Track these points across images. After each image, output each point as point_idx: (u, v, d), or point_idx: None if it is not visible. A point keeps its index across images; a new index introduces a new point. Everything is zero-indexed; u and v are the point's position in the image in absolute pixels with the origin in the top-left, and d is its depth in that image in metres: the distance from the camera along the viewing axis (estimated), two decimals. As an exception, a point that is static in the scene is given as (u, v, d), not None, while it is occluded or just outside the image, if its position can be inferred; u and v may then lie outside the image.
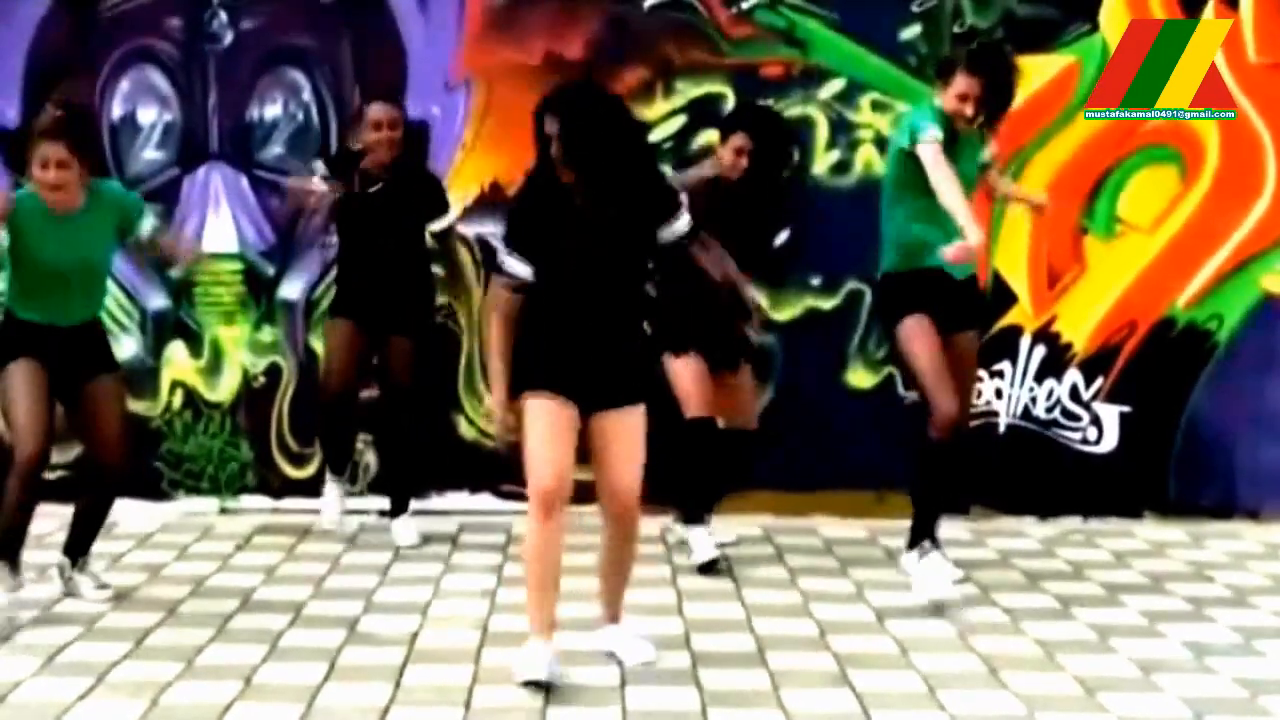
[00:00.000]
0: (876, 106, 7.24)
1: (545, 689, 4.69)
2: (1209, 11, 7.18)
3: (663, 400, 7.14)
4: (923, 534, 5.84)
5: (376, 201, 6.70)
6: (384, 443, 7.10)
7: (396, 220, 6.73)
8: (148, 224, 5.76)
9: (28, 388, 5.50)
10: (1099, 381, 7.36)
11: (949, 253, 5.52)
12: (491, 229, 7.02)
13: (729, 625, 5.49)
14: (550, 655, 4.73)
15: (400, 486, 6.90)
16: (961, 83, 5.82)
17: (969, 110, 5.83)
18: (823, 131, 7.27)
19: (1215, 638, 5.38)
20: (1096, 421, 7.37)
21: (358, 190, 6.69)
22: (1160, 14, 7.19)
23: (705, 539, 6.35)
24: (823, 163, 7.25)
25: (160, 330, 7.42)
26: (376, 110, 6.69)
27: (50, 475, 7.28)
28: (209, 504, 7.39)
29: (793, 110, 7.26)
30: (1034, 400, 7.35)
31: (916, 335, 5.86)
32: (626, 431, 4.86)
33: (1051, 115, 7.26)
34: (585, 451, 4.96)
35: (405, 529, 6.77)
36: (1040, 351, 7.35)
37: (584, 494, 6.98)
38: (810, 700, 4.65)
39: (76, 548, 5.81)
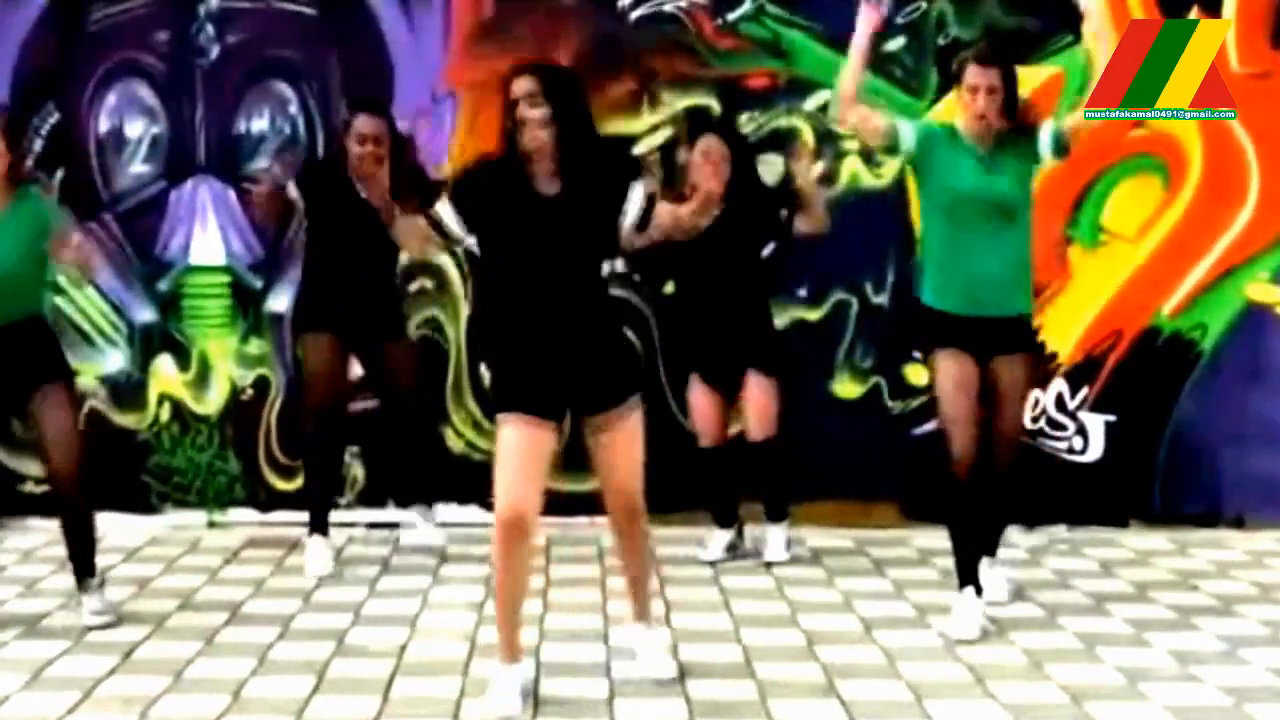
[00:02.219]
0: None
1: (534, 701, 4.70)
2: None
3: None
4: (959, 573, 5.57)
5: (369, 214, 6.60)
6: (396, 448, 7.01)
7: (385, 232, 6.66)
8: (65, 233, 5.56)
9: None
10: (1084, 391, 7.38)
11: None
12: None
13: (717, 635, 5.50)
14: (519, 683, 4.68)
15: (416, 488, 6.95)
16: (970, 74, 5.53)
17: (980, 104, 5.51)
18: (808, 143, 7.28)
19: (1201, 646, 5.39)
20: (1082, 431, 7.39)
21: (350, 203, 6.49)
22: (1143, 23, 7.23)
23: (720, 540, 6.66)
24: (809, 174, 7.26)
25: (148, 343, 7.42)
26: (362, 123, 6.53)
27: (37, 489, 7.37)
28: (197, 517, 7.39)
29: (778, 122, 7.29)
30: (1020, 410, 7.37)
31: (941, 371, 5.58)
32: (620, 434, 4.77)
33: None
34: (579, 460, 4.97)
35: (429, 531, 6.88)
36: (1026, 361, 7.36)
37: (575, 505, 7.07)
38: (798, 710, 4.66)
39: (77, 568, 5.72)
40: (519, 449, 4.64)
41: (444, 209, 4.73)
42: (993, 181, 5.54)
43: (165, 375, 7.42)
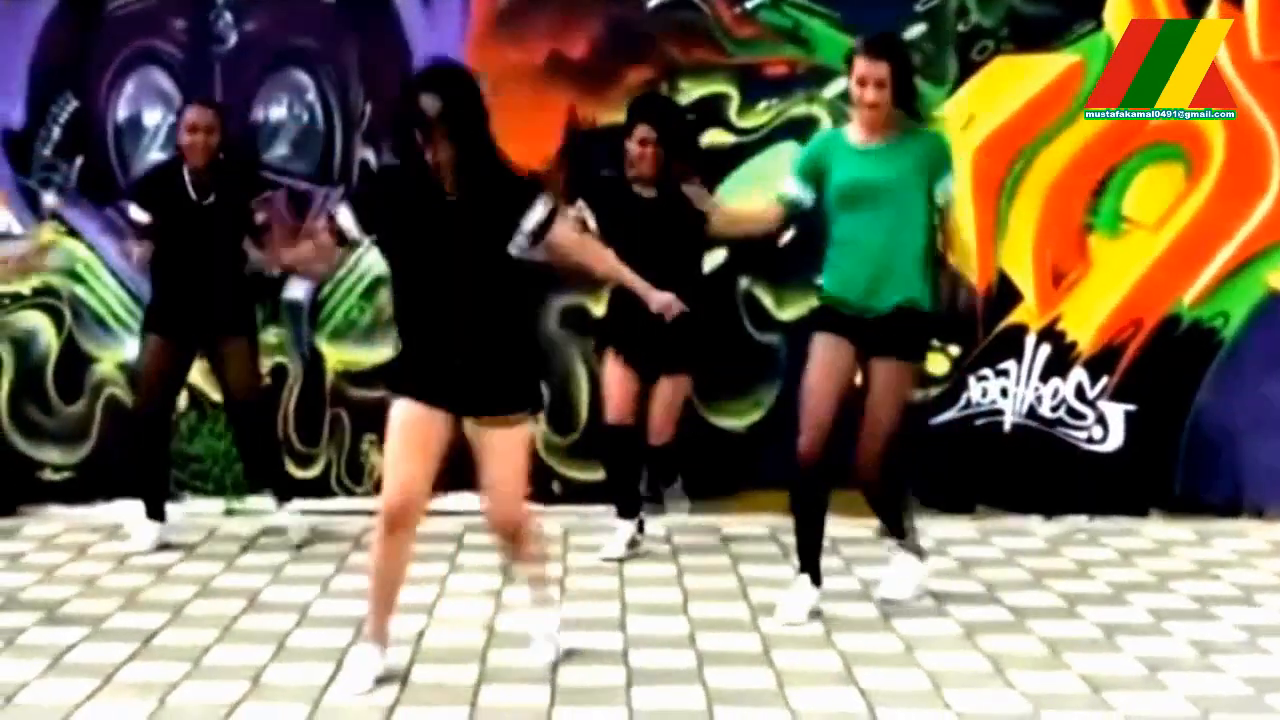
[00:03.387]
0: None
1: (552, 689, 4.69)
2: (1213, 9, 7.18)
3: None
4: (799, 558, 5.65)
5: (210, 211, 6.61)
6: (251, 447, 6.96)
7: (225, 225, 6.65)
8: None
9: None
10: (1104, 380, 7.35)
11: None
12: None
13: (734, 624, 5.49)
14: (377, 661, 4.75)
15: (268, 480, 6.95)
16: (858, 65, 5.43)
17: (869, 96, 5.40)
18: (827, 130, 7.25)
19: (1221, 636, 5.38)
20: (1102, 420, 7.36)
21: (194, 199, 6.58)
22: (1165, 11, 7.19)
23: (623, 533, 6.56)
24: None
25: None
26: (191, 114, 6.59)
27: (56, 476, 7.40)
28: (215, 505, 7.40)
29: (797, 109, 7.28)
30: (1039, 399, 7.35)
31: (812, 357, 5.62)
32: (500, 446, 4.73)
33: (1056, 113, 7.25)
34: (595, 449, 4.97)
35: (294, 522, 6.82)
36: (1045, 350, 7.34)
37: (593, 494, 7.07)
38: (816, 698, 4.66)
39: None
40: (406, 436, 4.66)
41: (343, 214, 4.74)
42: (873, 170, 5.46)
43: (184, 363, 7.42)
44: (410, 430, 4.68)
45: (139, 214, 6.66)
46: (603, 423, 6.70)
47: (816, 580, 5.59)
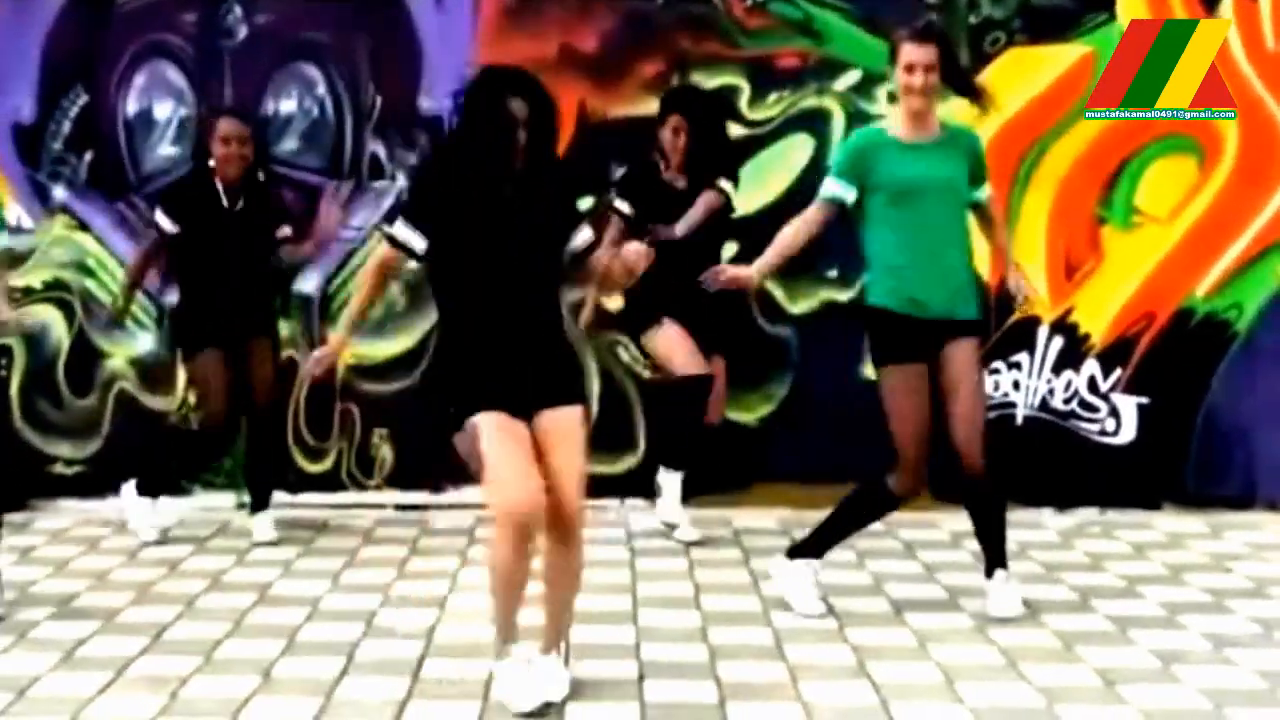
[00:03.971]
0: (893, 98, 7.17)
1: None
2: (1227, 2, 7.15)
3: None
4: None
5: (240, 219, 6.66)
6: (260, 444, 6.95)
7: (255, 231, 6.70)
8: None
9: None
10: (1117, 372, 7.34)
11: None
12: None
13: (746, 618, 5.48)
14: (533, 669, 4.54)
15: (264, 483, 6.90)
16: (906, 50, 5.31)
17: (919, 81, 5.29)
18: (839, 123, 7.25)
19: (1235, 629, 5.36)
20: (1115, 412, 7.34)
21: (226, 207, 6.63)
22: (1179, 5, 7.17)
23: (671, 491, 6.66)
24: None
25: (177, 325, 7.43)
26: (225, 125, 6.61)
27: (67, 471, 7.41)
28: (226, 499, 7.40)
29: (808, 102, 7.26)
30: (1052, 391, 7.34)
31: (894, 392, 5.45)
32: (566, 433, 4.51)
33: (1068, 105, 7.23)
34: (609, 442, 4.94)
35: (264, 524, 6.77)
36: (1058, 342, 7.33)
37: (605, 488, 7.06)
38: (828, 692, 4.65)
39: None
40: (505, 437, 4.41)
41: (398, 228, 4.53)
42: (928, 168, 5.37)
43: (195, 357, 7.42)
44: (508, 434, 4.41)
45: (167, 224, 6.65)
46: (675, 379, 6.59)
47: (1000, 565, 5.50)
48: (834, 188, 5.45)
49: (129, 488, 6.77)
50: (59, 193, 7.39)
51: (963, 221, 5.48)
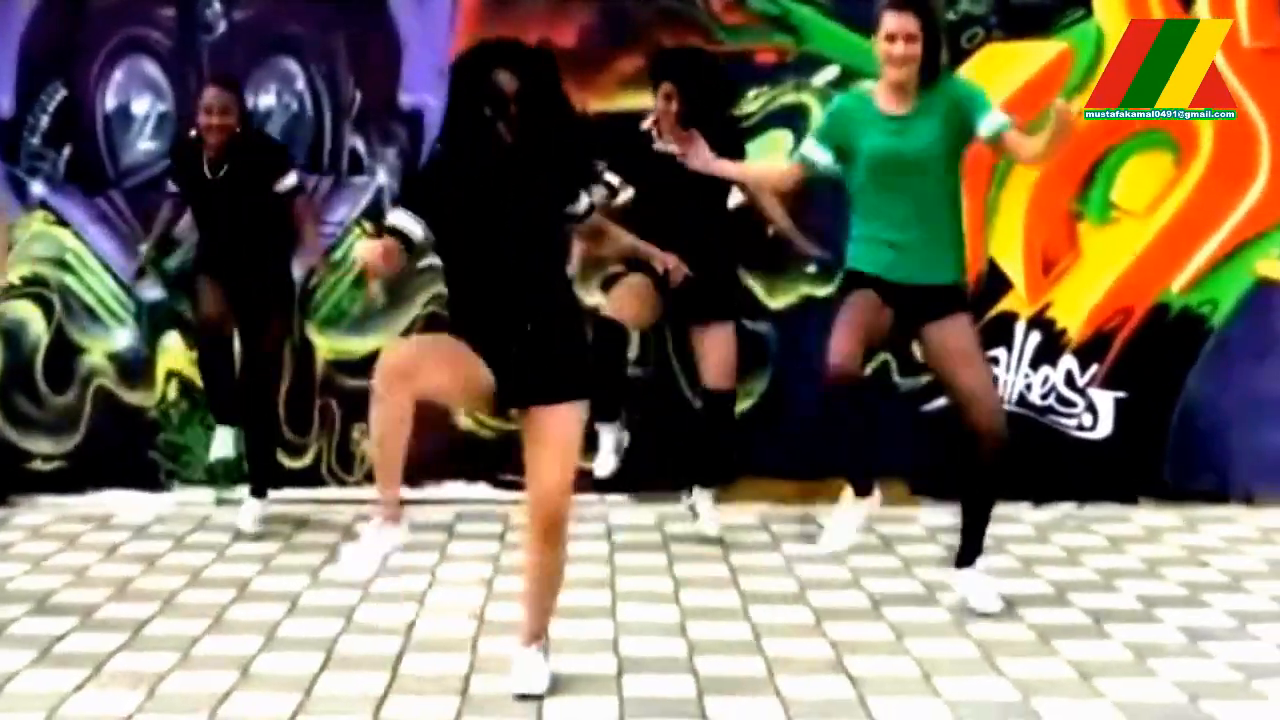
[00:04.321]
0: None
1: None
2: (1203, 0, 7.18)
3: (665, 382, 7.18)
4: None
5: (223, 185, 6.70)
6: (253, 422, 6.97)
7: (243, 200, 6.71)
8: None
9: None
10: (1094, 367, 7.37)
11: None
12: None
13: (725, 613, 5.49)
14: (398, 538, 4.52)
15: (260, 458, 6.94)
16: (887, 20, 5.23)
17: (899, 50, 5.21)
18: (817, 118, 7.24)
19: (1210, 622, 5.39)
20: (1091, 407, 7.37)
21: (209, 176, 6.70)
22: (1155, 3, 7.20)
23: (610, 438, 6.53)
24: (817, 150, 7.23)
25: (155, 320, 7.42)
26: (207, 94, 6.66)
27: (45, 467, 7.39)
28: (205, 495, 7.39)
29: (786, 97, 7.28)
30: (1029, 386, 7.36)
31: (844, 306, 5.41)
32: (554, 436, 4.44)
33: (1046, 101, 7.21)
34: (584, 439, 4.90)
35: (249, 515, 6.80)
36: (1035, 338, 7.36)
37: (583, 482, 7.04)
38: (806, 687, 4.66)
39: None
40: (435, 341, 4.55)
41: (397, 215, 4.45)
42: (905, 141, 5.29)
43: (173, 352, 7.42)
44: (445, 344, 4.47)
45: (172, 184, 7.01)
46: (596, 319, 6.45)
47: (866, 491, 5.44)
48: (808, 148, 5.49)
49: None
50: (37, 188, 7.38)
51: (946, 191, 5.37)
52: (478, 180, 4.39)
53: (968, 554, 5.55)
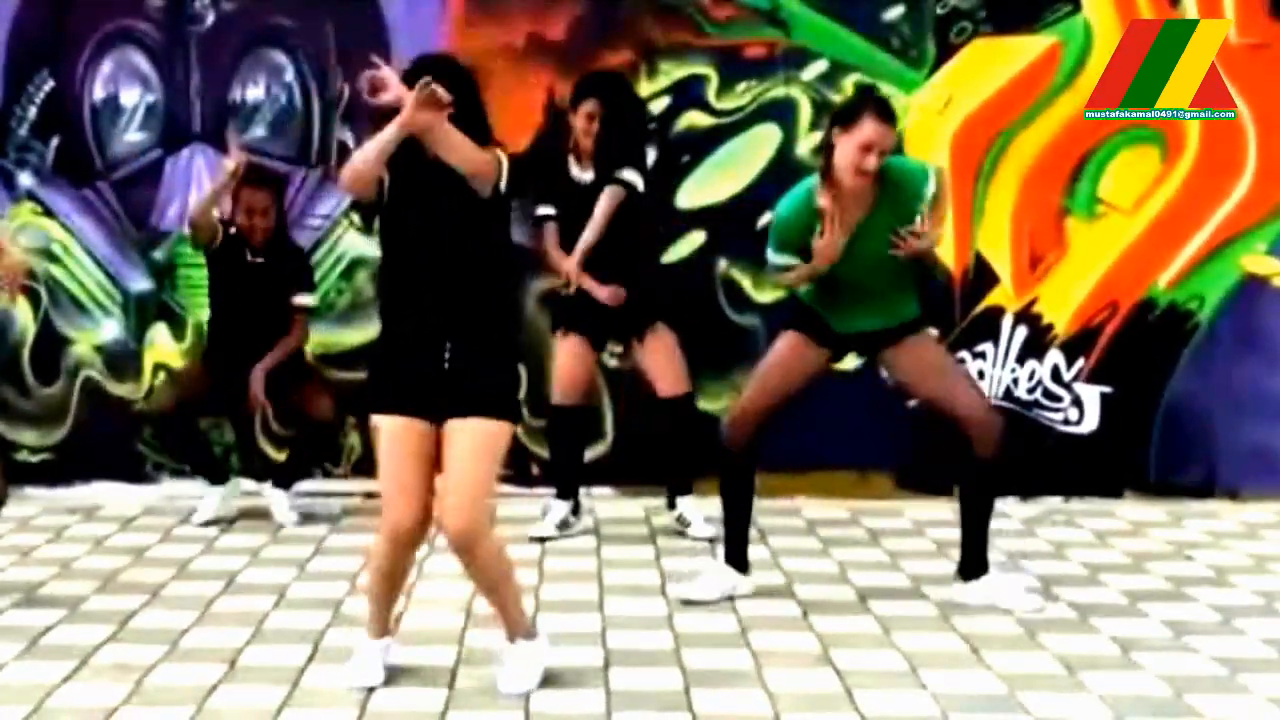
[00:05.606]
0: (859, 89, 7.22)
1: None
2: (1194, -11, 7.21)
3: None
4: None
5: (255, 274, 6.79)
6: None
7: (270, 293, 6.81)
8: None
9: None
10: (1080, 362, 7.38)
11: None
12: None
13: (712, 606, 5.49)
14: (382, 654, 4.64)
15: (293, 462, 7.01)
16: (869, 129, 5.10)
17: (872, 164, 5.12)
18: (805, 112, 7.27)
19: (1195, 616, 5.41)
20: (1078, 402, 7.39)
21: (249, 260, 6.79)
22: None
23: (555, 513, 6.55)
24: (806, 144, 7.24)
25: (143, 313, 7.42)
26: (247, 197, 6.71)
27: (32, 458, 7.38)
28: (193, 487, 7.36)
29: (776, 91, 7.28)
30: (1015, 381, 7.38)
31: (774, 350, 5.53)
32: (464, 449, 4.41)
33: (1033, 97, 7.27)
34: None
35: (282, 505, 6.85)
36: (1022, 332, 7.37)
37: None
38: (793, 680, 4.67)
39: None
40: (398, 450, 4.46)
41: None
42: (862, 245, 5.24)
43: (161, 345, 7.41)
44: (401, 445, 4.45)
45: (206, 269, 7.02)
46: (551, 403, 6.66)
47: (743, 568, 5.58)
48: (775, 260, 5.40)
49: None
50: (25, 179, 7.36)
51: (896, 260, 5.30)
52: (404, 193, 4.46)
53: (978, 562, 5.53)
